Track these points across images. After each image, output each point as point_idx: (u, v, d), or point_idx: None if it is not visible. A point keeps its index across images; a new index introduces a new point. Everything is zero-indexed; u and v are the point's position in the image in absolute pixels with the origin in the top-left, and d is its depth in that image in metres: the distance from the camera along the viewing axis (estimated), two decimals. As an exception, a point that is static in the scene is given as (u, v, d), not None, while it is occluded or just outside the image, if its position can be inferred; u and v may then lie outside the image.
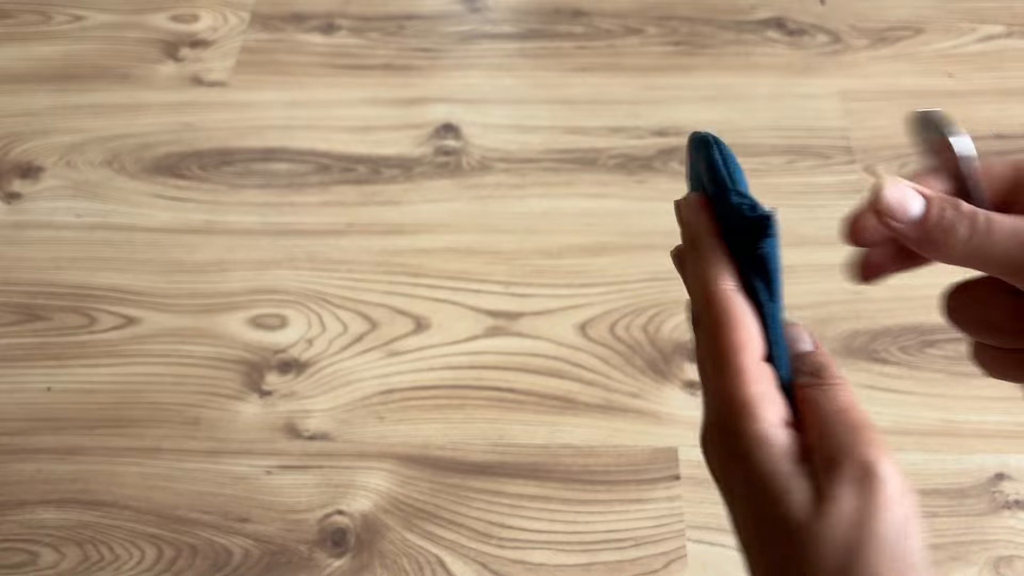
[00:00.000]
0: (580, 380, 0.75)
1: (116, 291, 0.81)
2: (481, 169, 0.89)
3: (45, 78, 0.97)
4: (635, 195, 0.86)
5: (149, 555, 0.68)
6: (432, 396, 0.74)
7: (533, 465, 0.70)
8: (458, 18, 1.02)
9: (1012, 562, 0.66)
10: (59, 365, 0.77)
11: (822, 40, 0.98)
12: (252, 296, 0.80)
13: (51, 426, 0.74)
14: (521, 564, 0.67)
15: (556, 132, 0.91)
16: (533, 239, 0.83)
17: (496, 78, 0.96)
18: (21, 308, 0.80)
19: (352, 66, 0.97)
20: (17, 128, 0.93)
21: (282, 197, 0.87)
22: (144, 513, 0.69)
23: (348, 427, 0.73)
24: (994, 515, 0.68)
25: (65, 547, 0.68)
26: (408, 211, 0.86)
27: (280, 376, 0.76)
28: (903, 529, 0.26)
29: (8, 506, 0.70)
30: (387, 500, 0.70)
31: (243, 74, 0.97)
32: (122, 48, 1.00)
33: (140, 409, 0.74)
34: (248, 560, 0.67)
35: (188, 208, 0.86)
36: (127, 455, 0.72)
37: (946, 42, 0.97)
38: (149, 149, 0.91)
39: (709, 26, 1.00)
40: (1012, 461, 0.70)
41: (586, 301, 0.79)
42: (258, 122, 0.93)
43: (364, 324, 0.78)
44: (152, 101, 0.95)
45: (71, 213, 0.86)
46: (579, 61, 0.97)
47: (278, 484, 0.70)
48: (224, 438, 0.73)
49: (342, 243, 0.83)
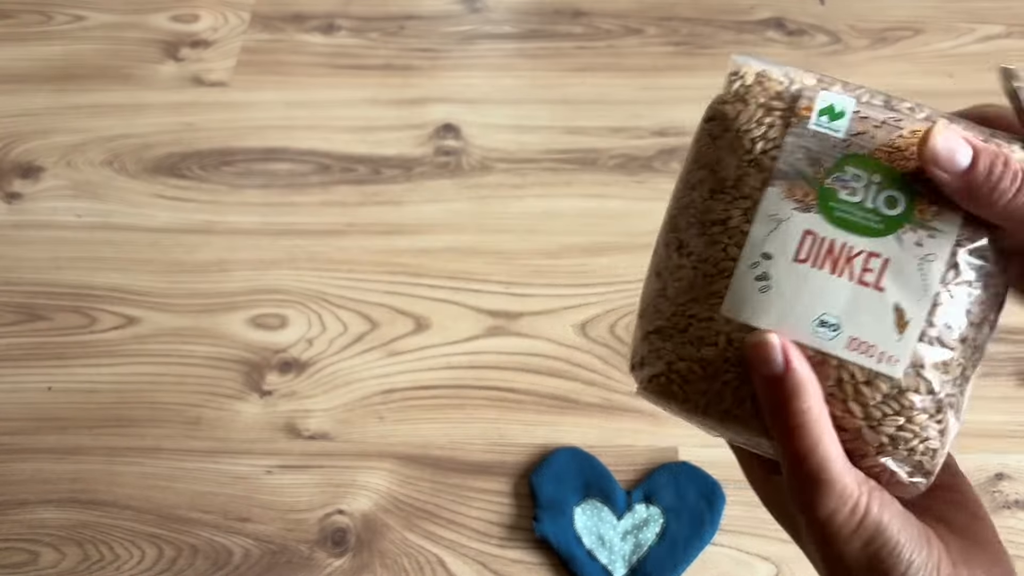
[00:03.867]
0: (580, 380, 0.75)
1: (116, 291, 0.81)
2: (481, 169, 0.89)
3: (45, 78, 0.97)
4: (635, 195, 0.86)
5: (149, 555, 0.68)
6: (432, 396, 0.75)
7: (533, 465, 0.70)
8: (458, 18, 1.02)
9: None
10: (59, 365, 0.77)
11: (822, 40, 0.98)
12: (252, 296, 0.80)
13: (51, 426, 0.74)
14: (521, 564, 0.67)
15: (556, 132, 0.91)
16: (533, 239, 0.83)
17: (496, 78, 0.97)
18: (21, 308, 0.80)
19: (352, 66, 0.97)
20: (17, 128, 0.93)
21: (282, 197, 0.87)
22: (144, 513, 0.69)
23: (348, 427, 0.73)
24: (994, 515, 0.67)
25: (65, 547, 0.68)
26: (408, 211, 0.86)
27: (280, 376, 0.76)
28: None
29: (8, 506, 0.70)
30: (387, 500, 0.70)
31: (243, 74, 0.97)
32: (122, 48, 1.00)
33: (140, 409, 0.74)
34: (248, 560, 0.67)
35: (188, 208, 0.87)
36: (127, 455, 0.72)
37: (946, 42, 0.97)
38: (149, 149, 0.91)
39: (709, 26, 1.00)
40: (1012, 461, 0.70)
41: (586, 301, 0.79)
42: (258, 122, 0.93)
43: (364, 324, 0.78)
44: (152, 101, 0.95)
45: (71, 213, 0.86)
46: (579, 61, 0.97)
47: (278, 484, 0.70)
48: (224, 438, 0.73)
49: (342, 243, 0.84)
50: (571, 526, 0.67)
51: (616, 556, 0.66)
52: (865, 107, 0.31)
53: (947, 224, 0.30)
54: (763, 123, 0.31)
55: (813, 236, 0.30)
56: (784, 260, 0.30)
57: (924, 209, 0.30)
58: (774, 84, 0.32)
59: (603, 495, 0.68)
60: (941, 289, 0.30)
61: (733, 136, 0.32)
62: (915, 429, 0.30)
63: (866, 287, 0.30)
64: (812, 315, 0.30)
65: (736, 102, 0.32)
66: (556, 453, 0.70)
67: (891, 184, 0.30)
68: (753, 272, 0.30)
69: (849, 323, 0.30)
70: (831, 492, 0.28)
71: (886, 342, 0.30)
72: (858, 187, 0.30)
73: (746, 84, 0.32)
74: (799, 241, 0.30)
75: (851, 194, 0.30)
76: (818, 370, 0.30)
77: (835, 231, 0.30)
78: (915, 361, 0.30)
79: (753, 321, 0.30)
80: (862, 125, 0.31)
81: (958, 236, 0.30)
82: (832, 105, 0.31)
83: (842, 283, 0.30)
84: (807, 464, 0.28)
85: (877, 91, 0.32)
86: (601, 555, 0.66)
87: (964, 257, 0.30)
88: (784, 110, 0.31)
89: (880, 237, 0.30)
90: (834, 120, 0.31)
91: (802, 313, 0.30)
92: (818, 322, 0.30)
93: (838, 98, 0.31)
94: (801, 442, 0.29)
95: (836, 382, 0.30)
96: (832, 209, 0.30)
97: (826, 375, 0.30)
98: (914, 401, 0.30)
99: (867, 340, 0.30)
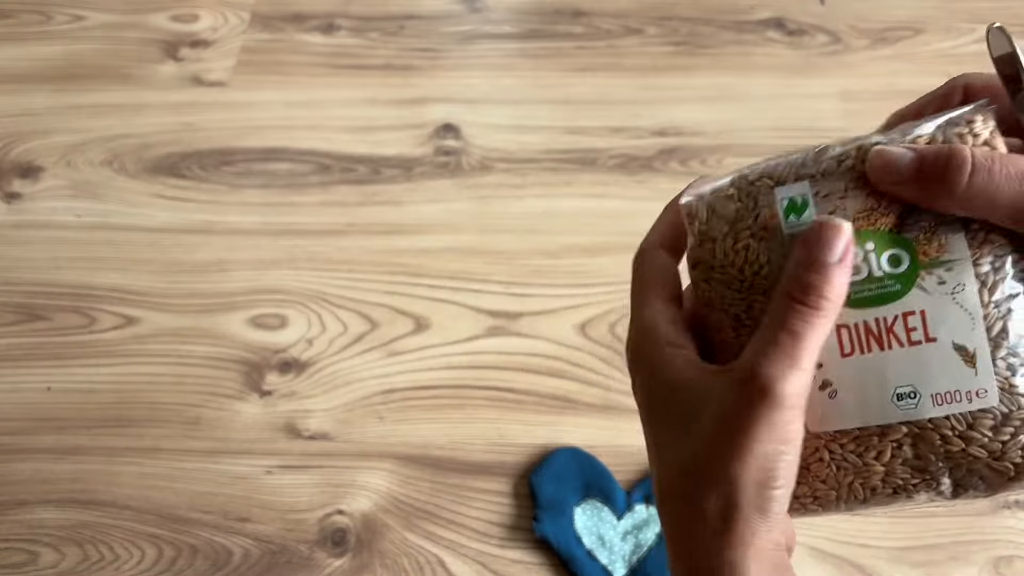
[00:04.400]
0: (580, 380, 0.75)
1: (116, 291, 0.81)
2: (481, 169, 0.89)
3: (45, 78, 0.97)
4: (635, 195, 0.86)
5: (149, 555, 0.68)
6: (432, 396, 0.74)
7: (533, 465, 0.70)
8: (458, 18, 1.02)
9: (1012, 562, 0.66)
10: (59, 365, 0.77)
11: (822, 40, 0.98)
12: (252, 296, 0.80)
13: (51, 426, 0.74)
14: (521, 564, 0.67)
15: (556, 132, 0.91)
16: (533, 239, 0.83)
17: (496, 78, 0.96)
18: (21, 308, 0.80)
19: (352, 66, 0.97)
20: (17, 128, 0.93)
21: (282, 197, 0.87)
22: (144, 513, 0.69)
23: (348, 427, 0.73)
24: (994, 515, 0.68)
25: (65, 547, 0.68)
26: (408, 211, 0.86)
27: (280, 376, 0.76)
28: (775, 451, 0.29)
29: (8, 506, 0.70)
30: (387, 500, 0.70)
31: (243, 74, 0.97)
32: (122, 48, 1.00)
33: (140, 409, 0.74)
34: (248, 560, 0.67)
35: (188, 208, 0.86)
36: (127, 455, 0.72)
37: (946, 42, 0.97)
38: (149, 149, 0.91)
39: (709, 26, 1.00)
40: (1012, 461, 0.70)
41: (586, 301, 0.79)
42: (258, 122, 0.93)
43: (364, 324, 0.78)
44: (152, 101, 0.95)
45: (71, 213, 0.86)
46: (579, 61, 0.97)
47: (278, 484, 0.70)
48: (224, 438, 0.73)
49: (342, 243, 0.83)
50: (571, 526, 0.67)
51: (616, 556, 0.66)
52: (820, 182, 0.31)
53: (955, 251, 0.30)
54: (739, 250, 0.32)
55: (847, 328, 0.30)
56: (835, 361, 0.31)
57: (927, 250, 0.30)
58: (729, 204, 0.32)
59: (603, 495, 0.68)
60: (986, 310, 0.30)
61: (721, 274, 0.32)
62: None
63: (918, 345, 0.30)
64: (887, 395, 0.30)
65: (706, 243, 0.32)
66: (556, 453, 0.70)
67: (886, 245, 0.30)
68: (822, 375, 0.31)
69: (924, 385, 0.30)
70: (797, 378, 0.29)
71: (966, 382, 0.30)
72: (859, 264, 0.30)
73: (704, 221, 0.32)
74: (837, 339, 0.30)
75: (856, 274, 0.30)
76: (924, 443, 0.30)
77: (862, 313, 0.30)
78: (1002, 385, 0.30)
79: (841, 426, 0.31)
80: (828, 204, 0.31)
81: (971, 255, 0.30)
82: (793, 200, 0.31)
83: (896, 354, 0.30)
84: (799, 343, 0.29)
85: (811, 148, 0.32)
86: (601, 555, 0.66)
87: (987, 270, 0.30)
88: (751, 227, 0.31)
89: (904, 297, 0.30)
90: (801, 214, 0.31)
91: (878, 398, 0.30)
92: (896, 398, 0.30)
93: (794, 190, 0.31)
94: (805, 325, 0.29)
95: (943, 440, 0.30)
96: (847, 297, 0.30)
97: (932, 442, 0.30)
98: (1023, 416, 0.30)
99: (948, 390, 0.30)
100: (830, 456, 0.31)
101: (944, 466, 0.31)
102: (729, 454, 0.29)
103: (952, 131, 0.31)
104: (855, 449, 0.31)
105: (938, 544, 0.67)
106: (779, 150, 0.33)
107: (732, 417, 0.29)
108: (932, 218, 0.30)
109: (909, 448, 0.31)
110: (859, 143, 0.31)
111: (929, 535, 0.67)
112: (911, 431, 0.30)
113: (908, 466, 0.31)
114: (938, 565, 0.66)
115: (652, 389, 0.32)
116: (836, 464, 0.31)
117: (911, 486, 0.31)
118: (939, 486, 0.31)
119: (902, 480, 0.31)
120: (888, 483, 0.31)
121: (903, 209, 0.30)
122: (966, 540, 0.67)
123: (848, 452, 0.31)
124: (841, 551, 0.66)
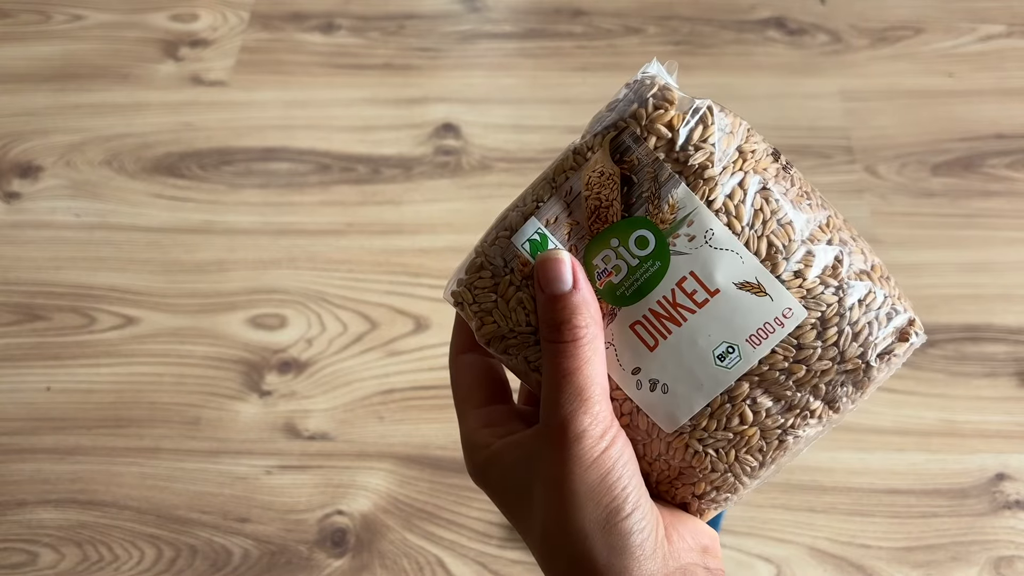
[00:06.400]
0: (580, 380, 0.75)
1: (116, 291, 0.81)
2: (481, 169, 0.89)
3: (45, 78, 0.97)
4: (635, 195, 0.86)
5: (149, 555, 0.67)
6: (432, 396, 0.74)
7: (533, 465, 0.70)
8: (458, 18, 1.02)
9: (1012, 562, 0.66)
10: (58, 365, 0.77)
11: (822, 40, 0.98)
12: (252, 296, 0.80)
13: (50, 426, 0.74)
14: (521, 564, 0.67)
15: (556, 132, 0.91)
16: (533, 239, 0.83)
17: (496, 78, 0.96)
18: (21, 308, 0.80)
19: (352, 66, 0.97)
20: (17, 128, 0.93)
21: (282, 197, 0.87)
22: (144, 513, 0.69)
23: (348, 427, 0.73)
24: (994, 515, 0.68)
25: (65, 547, 0.68)
26: (408, 211, 0.86)
27: (280, 376, 0.76)
28: (600, 483, 0.29)
29: (7, 506, 0.70)
30: (387, 500, 0.69)
31: (243, 74, 0.97)
32: (122, 48, 1.00)
33: (140, 409, 0.74)
34: (248, 560, 0.67)
35: (188, 208, 0.86)
36: (126, 455, 0.72)
37: (946, 42, 0.97)
38: (149, 149, 0.91)
39: (709, 26, 1.00)
40: (1013, 461, 0.70)
41: (586, 301, 0.79)
42: (258, 122, 0.93)
43: (364, 324, 0.78)
44: (152, 101, 0.95)
45: (71, 213, 0.86)
46: (579, 61, 0.97)
47: (278, 484, 0.70)
48: (224, 438, 0.73)
49: (342, 243, 0.83)
50: (571, 526, 0.67)
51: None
52: (544, 211, 0.31)
53: (686, 203, 0.30)
54: (515, 307, 0.32)
55: (640, 324, 0.31)
56: (649, 358, 0.31)
57: (663, 217, 0.30)
58: (485, 273, 0.32)
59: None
60: (743, 238, 0.30)
61: (514, 338, 0.32)
62: (878, 305, 0.30)
63: (707, 303, 0.30)
64: (711, 362, 0.30)
65: (485, 318, 0.32)
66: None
67: (626, 232, 0.30)
68: (646, 377, 0.31)
69: (735, 335, 0.30)
70: (590, 410, 0.29)
71: (768, 311, 0.30)
72: (616, 263, 0.31)
73: (472, 300, 0.33)
74: (637, 338, 0.31)
75: (618, 273, 0.31)
76: (771, 384, 0.30)
77: (644, 304, 0.31)
78: (801, 294, 0.30)
79: (690, 413, 0.31)
80: (561, 227, 0.31)
81: (701, 198, 0.30)
82: (532, 240, 0.31)
83: (694, 322, 0.30)
84: (576, 379, 0.29)
85: (538, 179, 0.32)
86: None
87: (722, 202, 0.30)
88: (513, 282, 0.32)
89: (669, 270, 0.30)
90: (545, 247, 0.31)
91: (705, 369, 0.30)
92: (718, 360, 0.30)
93: (528, 232, 0.31)
94: (573, 359, 0.29)
95: (785, 373, 0.30)
96: (622, 297, 0.31)
97: (777, 379, 0.30)
98: (845, 305, 0.30)
99: (758, 327, 0.30)
100: (701, 445, 0.31)
101: (804, 393, 0.31)
102: (563, 509, 0.29)
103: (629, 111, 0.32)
104: (718, 425, 0.31)
105: (939, 544, 0.66)
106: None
107: (551, 469, 0.29)
108: (649, 185, 0.30)
109: (763, 396, 0.31)
110: (562, 155, 0.32)
111: (929, 536, 0.67)
112: (752, 381, 0.30)
113: (775, 412, 0.31)
114: (938, 565, 0.66)
115: (496, 489, 0.33)
116: (712, 448, 0.31)
117: (790, 427, 0.31)
118: (814, 413, 0.31)
119: (779, 427, 0.31)
120: (769, 437, 0.31)
121: (622, 194, 0.31)
122: (967, 541, 0.67)
123: (714, 431, 0.31)
124: (842, 551, 0.66)
